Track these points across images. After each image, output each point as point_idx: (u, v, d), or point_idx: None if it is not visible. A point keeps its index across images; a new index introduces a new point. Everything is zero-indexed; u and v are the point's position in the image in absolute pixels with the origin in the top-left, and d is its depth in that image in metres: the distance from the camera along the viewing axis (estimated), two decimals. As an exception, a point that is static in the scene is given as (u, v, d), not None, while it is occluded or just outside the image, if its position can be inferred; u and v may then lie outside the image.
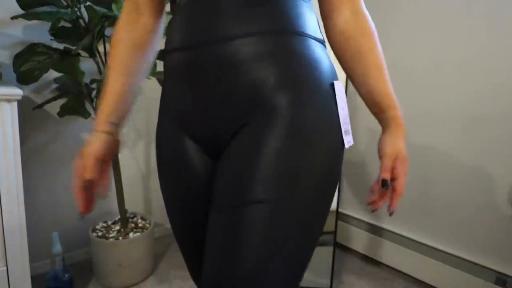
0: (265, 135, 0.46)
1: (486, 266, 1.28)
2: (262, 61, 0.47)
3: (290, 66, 0.48)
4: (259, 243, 0.44)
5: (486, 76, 1.26)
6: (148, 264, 1.47)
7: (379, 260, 1.63)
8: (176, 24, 0.54)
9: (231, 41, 0.47)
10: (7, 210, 0.91)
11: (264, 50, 0.47)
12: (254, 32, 0.47)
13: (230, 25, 0.47)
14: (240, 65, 0.47)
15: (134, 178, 1.73)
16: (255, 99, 0.48)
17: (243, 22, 0.47)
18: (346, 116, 0.53)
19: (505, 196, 1.24)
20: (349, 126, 0.54)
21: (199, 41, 0.49)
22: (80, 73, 1.20)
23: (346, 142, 0.53)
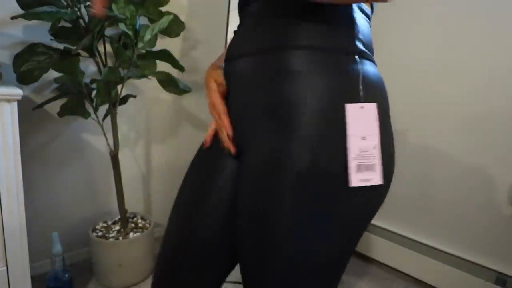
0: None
1: (486, 266, 1.28)
2: (286, 76, 0.46)
3: (311, 85, 0.45)
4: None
5: (486, 76, 1.26)
6: (148, 264, 1.47)
7: (379, 260, 1.63)
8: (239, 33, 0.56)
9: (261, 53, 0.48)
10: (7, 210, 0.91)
11: (287, 66, 0.46)
12: (298, 45, 0.46)
13: (272, 38, 0.48)
14: (270, 76, 0.47)
15: (134, 178, 1.73)
16: (272, 112, 0.47)
17: (268, 36, 0.48)
18: (370, 148, 0.43)
19: (505, 196, 1.24)
20: (374, 160, 0.44)
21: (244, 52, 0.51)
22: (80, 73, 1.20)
23: (355, 180, 0.43)
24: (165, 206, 1.89)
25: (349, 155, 0.43)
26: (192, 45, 1.83)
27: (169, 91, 1.39)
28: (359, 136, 0.43)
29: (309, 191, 0.43)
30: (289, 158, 0.43)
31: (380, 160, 0.44)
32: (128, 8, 1.16)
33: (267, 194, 0.45)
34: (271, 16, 0.49)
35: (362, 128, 0.43)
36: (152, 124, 1.75)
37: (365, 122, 0.44)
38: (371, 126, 0.44)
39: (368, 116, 0.44)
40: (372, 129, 0.44)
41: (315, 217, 0.44)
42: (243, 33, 0.54)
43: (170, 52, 1.32)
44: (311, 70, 0.45)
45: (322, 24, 0.46)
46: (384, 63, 1.58)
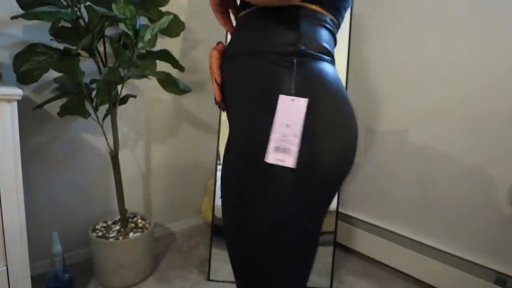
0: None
1: (486, 266, 1.28)
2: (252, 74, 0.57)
3: (262, 79, 0.57)
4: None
5: (486, 76, 1.26)
6: (148, 264, 1.47)
7: (379, 260, 1.63)
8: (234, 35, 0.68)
9: (247, 56, 0.59)
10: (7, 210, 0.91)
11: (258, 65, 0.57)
12: (276, 51, 0.56)
13: (256, 43, 0.59)
14: (251, 74, 0.58)
15: (134, 178, 1.73)
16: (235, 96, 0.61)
17: (264, 42, 0.57)
18: (291, 135, 0.51)
19: (505, 196, 1.24)
20: (292, 146, 0.51)
21: (237, 53, 0.62)
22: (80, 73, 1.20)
23: (272, 158, 0.51)
24: (165, 206, 1.89)
25: (271, 137, 0.51)
26: (192, 45, 1.83)
27: (169, 91, 1.39)
28: (284, 123, 0.51)
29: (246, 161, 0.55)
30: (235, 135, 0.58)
31: (298, 147, 0.51)
32: (128, 8, 1.16)
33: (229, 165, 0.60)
34: (250, 26, 0.61)
35: (288, 117, 0.51)
36: (152, 124, 1.75)
37: (292, 113, 0.51)
38: (297, 117, 0.51)
39: (297, 108, 0.51)
40: (297, 120, 0.51)
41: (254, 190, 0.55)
42: (236, 38, 0.65)
43: (170, 52, 1.32)
44: (257, 70, 0.56)
45: (266, 31, 0.57)
46: (384, 63, 1.58)
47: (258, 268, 0.56)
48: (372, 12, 1.59)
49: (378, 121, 1.62)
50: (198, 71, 1.88)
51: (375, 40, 1.60)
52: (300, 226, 0.55)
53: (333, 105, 0.55)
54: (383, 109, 1.60)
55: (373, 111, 1.64)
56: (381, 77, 1.60)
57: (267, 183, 0.53)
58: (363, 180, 1.72)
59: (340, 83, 0.58)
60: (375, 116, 1.63)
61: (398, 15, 1.50)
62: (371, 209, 1.69)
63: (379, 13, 1.57)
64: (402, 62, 1.50)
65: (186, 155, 1.92)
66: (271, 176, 0.53)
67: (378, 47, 1.60)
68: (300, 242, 0.56)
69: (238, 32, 0.65)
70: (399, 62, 1.51)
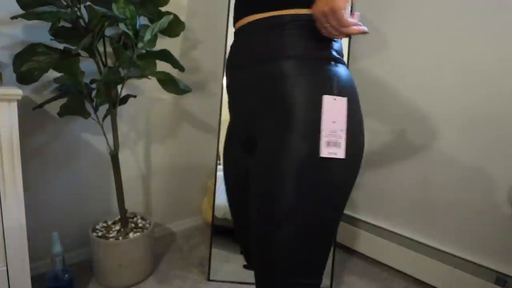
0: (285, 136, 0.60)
1: (486, 266, 1.28)
2: (279, 80, 0.61)
3: (297, 84, 0.60)
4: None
5: (486, 77, 1.26)
6: (148, 264, 1.47)
7: (379, 260, 1.63)
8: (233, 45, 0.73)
9: (262, 63, 0.63)
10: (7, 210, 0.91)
11: (283, 71, 0.61)
12: (286, 56, 0.61)
13: (260, 50, 0.64)
14: (267, 82, 0.62)
15: (134, 178, 1.73)
16: (270, 107, 0.63)
17: (269, 48, 0.62)
18: (338, 130, 0.58)
19: (505, 196, 1.24)
20: (340, 140, 0.58)
21: (242, 62, 0.68)
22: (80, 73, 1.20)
23: (326, 152, 0.57)
24: (165, 206, 1.89)
25: (321, 133, 0.57)
26: (192, 45, 1.83)
27: (169, 91, 1.39)
28: (330, 120, 0.57)
29: (309, 174, 0.58)
30: (291, 145, 0.58)
31: (345, 140, 0.58)
32: (128, 8, 1.16)
33: (273, 176, 0.60)
34: (260, 33, 0.64)
35: (333, 115, 0.58)
36: (152, 124, 1.75)
37: (336, 110, 0.58)
38: (341, 114, 0.58)
39: (339, 106, 0.58)
40: (341, 116, 0.58)
41: (311, 190, 0.58)
42: (238, 47, 0.70)
43: (170, 52, 1.32)
44: (297, 73, 0.60)
45: (303, 38, 0.61)
46: (384, 63, 1.58)
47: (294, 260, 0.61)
48: (371, 14, 1.59)
49: (378, 121, 1.62)
50: (198, 71, 1.88)
51: (375, 40, 1.60)
52: (339, 213, 0.63)
53: (359, 105, 0.64)
54: (384, 109, 1.60)
55: (374, 111, 1.64)
56: (381, 77, 1.60)
57: (326, 178, 0.60)
58: (363, 181, 1.72)
59: (355, 86, 0.65)
60: (375, 116, 1.63)
61: (399, 15, 1.50)
62: (371, 209, 1.69)
63: (379, 13, 1.56)
64: (403, 63, 1.50)
65: (186, 155, 1.92)
66: (330, 172, 0.59)
67: (378, 48, 1.60)
68: (328, 234, 0.63)
69: (253, 39, 0.66)
70: (400, 63, 1.51)
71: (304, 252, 0.60)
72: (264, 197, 0.61)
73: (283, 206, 0.58)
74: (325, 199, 0.60)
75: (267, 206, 0.60)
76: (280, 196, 0.58)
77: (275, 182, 0.59)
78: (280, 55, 0.61)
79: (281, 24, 0.61)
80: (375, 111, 1.63)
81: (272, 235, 0.60)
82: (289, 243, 0.59)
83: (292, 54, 0.61)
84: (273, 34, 0.62)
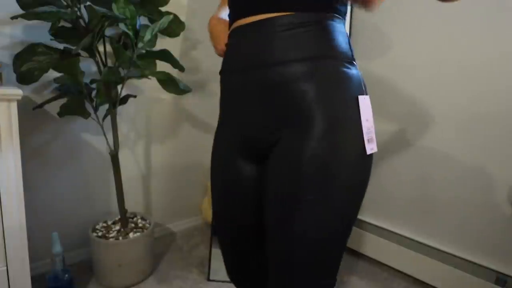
0: (305, 142, 0.57)
1: (486, 266, 1.28)
2: (302, 83, 0.58)
3: (324, 86, 0.58)
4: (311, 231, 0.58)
5: (486, 76, 1.26)
6: (148, 264, 1.47)
7: (379, 260, 1.63)
8: (230, 47, 0.67)
9: (277, 66, 0.59)
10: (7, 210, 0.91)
11: (304, 73, 0.58)
12: (298, 58, 0.58)
13: (274, 52, 0.59)
14: (285, 86, 0.59)
15: (134, 178, 1.73)
16: (294, 112, 0.59)
17: (287, 49, 0.58)
18: (371, 126, 0.61)
19: (505, 196, 1.24)
20: (373, 135, 0.61)
21: (248, 65, 0.62)
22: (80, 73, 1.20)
23: (369, 149, 0.60)
24: (165, 206, 1.89)
25: (363, 132, 0.59)
26: (192, 45, 1.83)
27: (169, 91, 1.39)
28: (365, 118, 0.60)
29: (329, 174, 0.57)
30: (311, 152, 0.57)
31: (374, 134, 0.62)
32: (128, 8, 1.16)
33: (293, 180, 0.58)
34: (264, 36, 0.60)
35: (366, 113, 0.60)
36: (152, 124, 1.75)
37: (367, 108, 0.61)
38: (369, 111, 0.61)
39: (367, 104, 0.62)
40: (370, 113, 0.61)
41: (332, 192, 0.57)
42: (236, 48, 0.65)
43: (170, 52, 1.32)
44: (317, 76, 0.58)
45: (315, 39, 0.59)
46: (384, 63, 1.58)
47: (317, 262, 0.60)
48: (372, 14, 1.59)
49: (378, 121, 1.62)
50: (198, 71, 1.88)
51: (375, 41, 1.60)
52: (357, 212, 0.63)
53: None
54: (383, 108, 1.60)
55: (374, 111, 1.64)
56: (381, 77, 1.60)
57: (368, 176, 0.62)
58: (363, 180, 1.71)
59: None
60: (375, 116, 1.63)
61: (399, 15, 1.50)
62: (371, 209, 1.69)
63: (379, 14, 1.56)
64: (402, 63, 1.50)
65: (186, 155, 1.92)
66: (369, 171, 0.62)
67: (379, 48, 1.59)
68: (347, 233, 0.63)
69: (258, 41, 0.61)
70: (400, 63, 1.51)
71: (327, 253, 0.60)
72: (313, 202, 0.57)
73: (335, 209, 0.58)
74: (361, 197, 0.62)
75: (316, 212, 0.57)
76: (335, 198, 0.58)
77: (326, 185, 0.57)
78: (292, 57, 0.58)
79: (295, 25, 0.58)
80: (375, 110, 1.63)
81: (317, 237, 0.58)
82: (321, 245, 0.59)
83: (307, 55, 0.58)
84: (284, 35, 0.58)
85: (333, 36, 0.60)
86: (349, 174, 0.58)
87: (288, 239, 0.59)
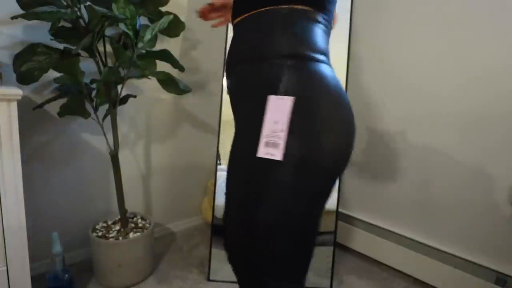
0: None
1: (486, 266, 1.28)
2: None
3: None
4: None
5: (486, 77, 1.26)
6: (148, 264, 1.47)
7: (379, 260, 1.63)
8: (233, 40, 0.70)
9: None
10: (7, 210, 0.91)
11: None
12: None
13: (262, 49, 0.61)
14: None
15: (134, 178, 1.73)
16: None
17: (265, 47, 0.60)
18: (280, 130, 0.55)
19: (505, 196, 1.24)
20: (280, 141, 0.55)
21: (244, 58, 0.64)
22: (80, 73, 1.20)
23: (263, 153, 0.55)
24: (165, 206, 1.89)
25: (261, 134, 0.55)
26: (192, 45, 1.83)
27: (169, 91, 1.39)
28: (273, 120, 0.55)
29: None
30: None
31: (285, 141, 0.54)
32: (128, 8, 1.16)
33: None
34: (246, 32, 0.64)
35: (276, 115, 0.55)
36: (152, 124, 1.75)
37: (279, 110, 0.55)
38: (283, 114, 0.55)
39: (283, 106, 0.55)
40: (283, 117, 0.55)
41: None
42: (235, 45, 0.68)
43: (170, 52, 1.32)
44: (257, 75, 0.60)
45: (263, 36, 0.61)
46: (384, 64, 1.58)
47: (263, 259, 0.58)
48: (371, 13, 1.59)
49: (378, 121, 1.62)
50: (198, 71, 1.88)
51: (375, 41, 1.60)
52: (301, 218, 0.57)
53: (331, 104, 0.57)
54: (384, 109, 1.60)
55: (373, 111, 1.64)
56: (381, 77, 1.60)
57: (269, 180, 0.56)
58: (363, 180, 1.72)
59: (337, 83, 0.60)
60: (375, 116, 1.63)
61: (397, 15, 1.50)
62: (371, 209, 1.69)
63: (378, 14, 1.56)
64: (403, 63, 1.50)
65: (186, 155, 1.92)
66: (273, 174, 0.55)
67: (379, 48, 1.59)
68: (301, 233, 0.58)
69: (236, 39, 0.67)
70: (400, 63, 1.51)
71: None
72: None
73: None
74: (257, 195, 0.61)
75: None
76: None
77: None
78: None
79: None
80: (375, 112, 1.63)
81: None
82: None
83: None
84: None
85: (309, 37, 0.62)
86: (240, 171, 0.60)
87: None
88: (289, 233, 0.57)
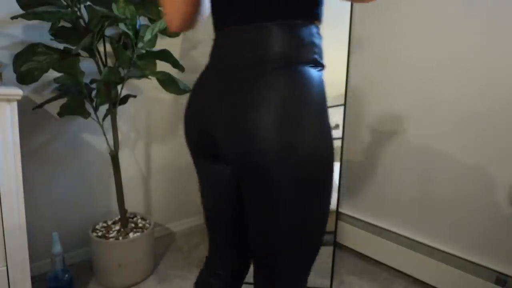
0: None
1: (486, 266, 1.28)
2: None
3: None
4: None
5: (486, 76, 1.26)
6: (148, 264, 1.47)
7: (379, 260, 1.63)
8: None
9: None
10: (7, 210, 0.91)
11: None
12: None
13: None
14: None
15: (134, 178, 1.73)
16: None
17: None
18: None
19: (505, 196, 1.24)
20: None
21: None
22: (80, 73, 1.20)
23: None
24: (165, 206, 1.89)
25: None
26: (192, 45, 1.83)
27: (169, 91, 1.39)
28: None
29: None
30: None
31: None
32: (128, 8, 1.16)
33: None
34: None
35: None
36: (152, 124, 1.75)
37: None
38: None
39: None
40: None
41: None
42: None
43: (170, 52, 1.32)
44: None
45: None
46: (384, 62, 1.58)
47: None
48: (371, 13, 1.59)
49: (378, 121, 1.62)
50: (198, 71, 1.87)
51: (375, 41, 1.60)
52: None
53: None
54: (384, 109, 1.60)
55: (374, 111, 1.64)
56: (381, 77, 1.60)
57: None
58: (364, 180, 1.72)
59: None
60: (375, 116, 1.63)
61: (398, 15, 1.50)
62: (371, 209, 1.69)
63: (379, 13, 1.56)
64: (403, 62, 1.50)
65: (186, 155, 1.92)
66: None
67: (378, 47, 1.59)
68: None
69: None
70: (400, 63, 1.51)
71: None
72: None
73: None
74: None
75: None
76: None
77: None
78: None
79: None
80: (374, 110, 1.63)
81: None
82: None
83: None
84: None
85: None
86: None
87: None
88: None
